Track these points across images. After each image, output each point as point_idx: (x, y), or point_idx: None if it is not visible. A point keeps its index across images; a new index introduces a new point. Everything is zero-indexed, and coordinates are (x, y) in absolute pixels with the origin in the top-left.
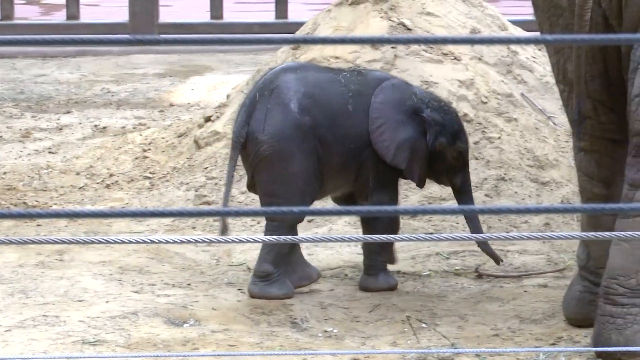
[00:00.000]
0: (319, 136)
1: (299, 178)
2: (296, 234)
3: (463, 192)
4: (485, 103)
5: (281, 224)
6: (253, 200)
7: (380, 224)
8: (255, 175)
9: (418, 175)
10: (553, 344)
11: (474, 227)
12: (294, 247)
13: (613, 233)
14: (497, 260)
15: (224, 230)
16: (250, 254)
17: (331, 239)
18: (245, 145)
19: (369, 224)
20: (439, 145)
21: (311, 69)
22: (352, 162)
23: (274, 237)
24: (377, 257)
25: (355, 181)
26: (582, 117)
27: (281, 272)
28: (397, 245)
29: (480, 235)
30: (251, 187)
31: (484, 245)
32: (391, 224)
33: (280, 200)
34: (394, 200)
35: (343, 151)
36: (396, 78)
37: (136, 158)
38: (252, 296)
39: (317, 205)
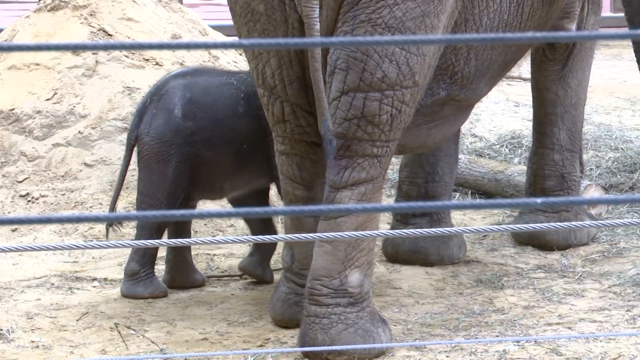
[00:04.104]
0: (204, 140)
1: (170, 181)
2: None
3: None
4: None
5: (150, 225)
6: None
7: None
8: (138, 173)
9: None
10: (261, 346)
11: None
12: (180, 250)
13: (315, 234)
14: None
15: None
16: None
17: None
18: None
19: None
20: None
21: (205, 73)
22: (249, 162)
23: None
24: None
25: (271, 179)
26: (332, 135)
27: (148, 272)
28: (105, 252)
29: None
30: None
31: None
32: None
33: (148, 199)
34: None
35: (235, 152)
36: None
37: None
38: (123, 295)
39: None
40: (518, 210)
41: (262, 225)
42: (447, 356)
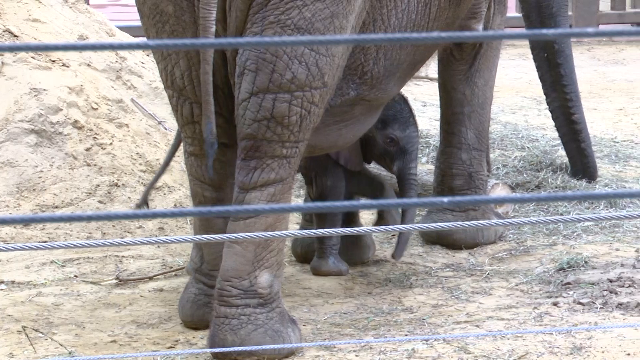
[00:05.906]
0: None
1: None
2: None
3: (402, 180)
4: (96, 109)
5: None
6: None
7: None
8: None
9: (344, 157)
10: (170, 347)
11: (409, 217)
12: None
13: (225, 235)
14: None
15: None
16: None
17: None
18: None
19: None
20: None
21: None
22: None
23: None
24: (329, 240)
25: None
26: (214, 137)
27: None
28: (12, 254)
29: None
30: None
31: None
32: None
33: None
34: (334, 184)
35: None
36: None
37: None
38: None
39: None
40: (426, 210)
41: None
42: (357, 355)
